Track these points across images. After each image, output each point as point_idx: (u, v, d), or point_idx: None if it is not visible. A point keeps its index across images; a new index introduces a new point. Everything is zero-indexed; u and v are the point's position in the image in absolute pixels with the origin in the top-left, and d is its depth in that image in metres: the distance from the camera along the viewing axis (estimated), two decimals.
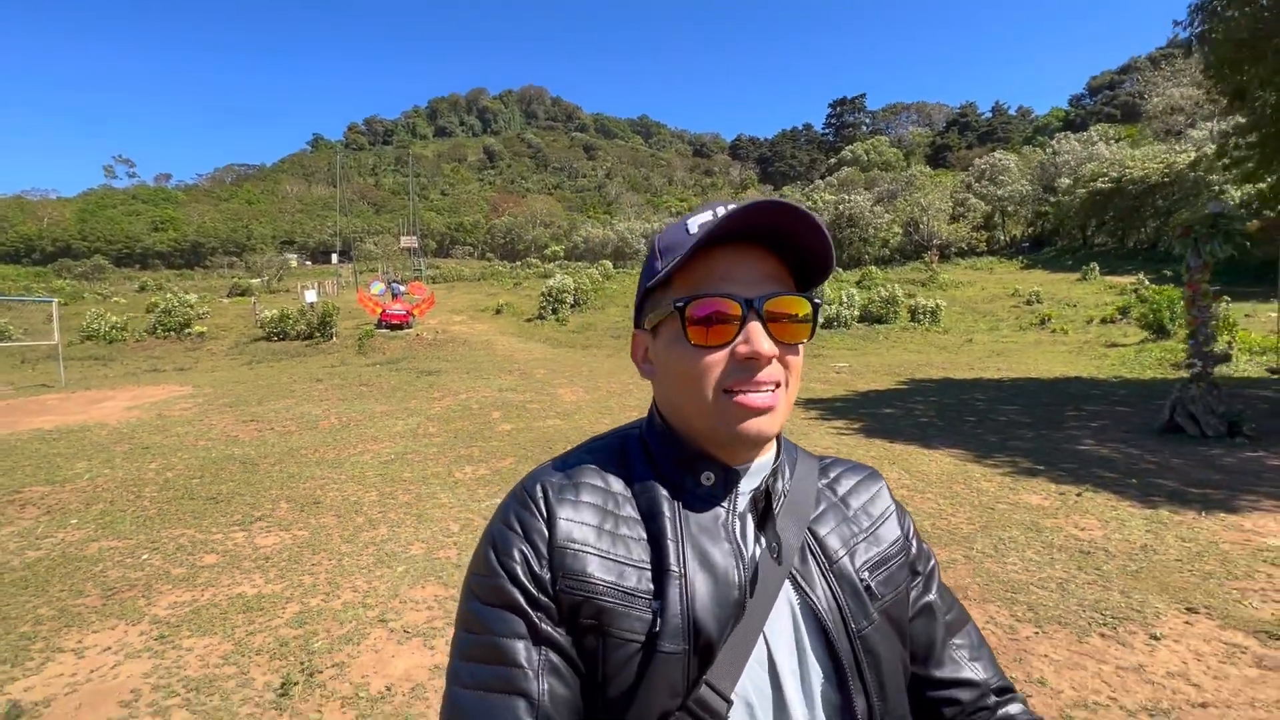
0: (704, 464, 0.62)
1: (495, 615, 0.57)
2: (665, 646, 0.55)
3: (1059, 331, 17.66)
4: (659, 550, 0.59)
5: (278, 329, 20.11)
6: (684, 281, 0.61)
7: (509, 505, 0.62)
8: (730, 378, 0.59)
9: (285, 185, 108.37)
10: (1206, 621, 2.74)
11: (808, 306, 0.61)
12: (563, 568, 0.57)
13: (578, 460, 0.65)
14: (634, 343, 0.70)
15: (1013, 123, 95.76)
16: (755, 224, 0.58)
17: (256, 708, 2.35)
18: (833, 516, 0.68)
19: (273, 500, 5.05)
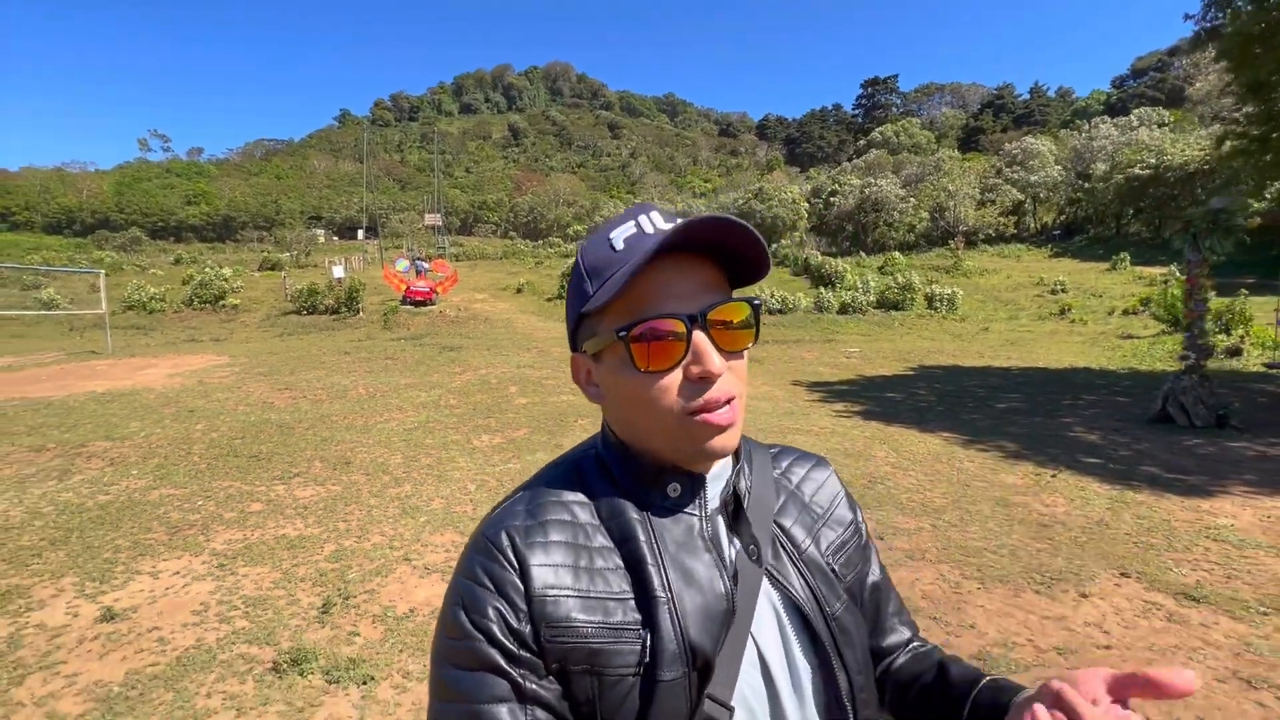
0: (668, 477, 0.61)
1: (472, 680, 0.53)
2: (665, 675, 0.54)
3: (1078, 322, 17.57)
4: (641, 577, 0.57)
5: (307, 303, 20.84)
6: (622, 303, 0.58)
7: (473, 559, 0.58)
8: (688, 399, 0.57)
9: (313, 160, 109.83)
10: (1135, 584, 3.06)
11: (748, 310, 0.60)
12: (544, 617, 0.54)
13: (537, 494, 0.62)
14: (574, 366, 0.66)
15: (1051, 105, 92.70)
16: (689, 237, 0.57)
17: (304, 621, 2.81)
18: (793, 507, 0.69)
19: (308, 460, 5.56)
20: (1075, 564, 3.29)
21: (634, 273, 0.55)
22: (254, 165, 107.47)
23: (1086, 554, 3.42)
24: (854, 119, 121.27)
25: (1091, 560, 3.33)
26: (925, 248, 39.80)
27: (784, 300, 19.75)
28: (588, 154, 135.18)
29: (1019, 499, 4.36)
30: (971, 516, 4.03)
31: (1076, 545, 3.54)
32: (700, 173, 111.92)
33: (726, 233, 0.56)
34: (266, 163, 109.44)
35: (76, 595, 3.03)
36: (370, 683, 2.36)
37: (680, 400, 0.57)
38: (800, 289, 23.32)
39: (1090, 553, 3.44)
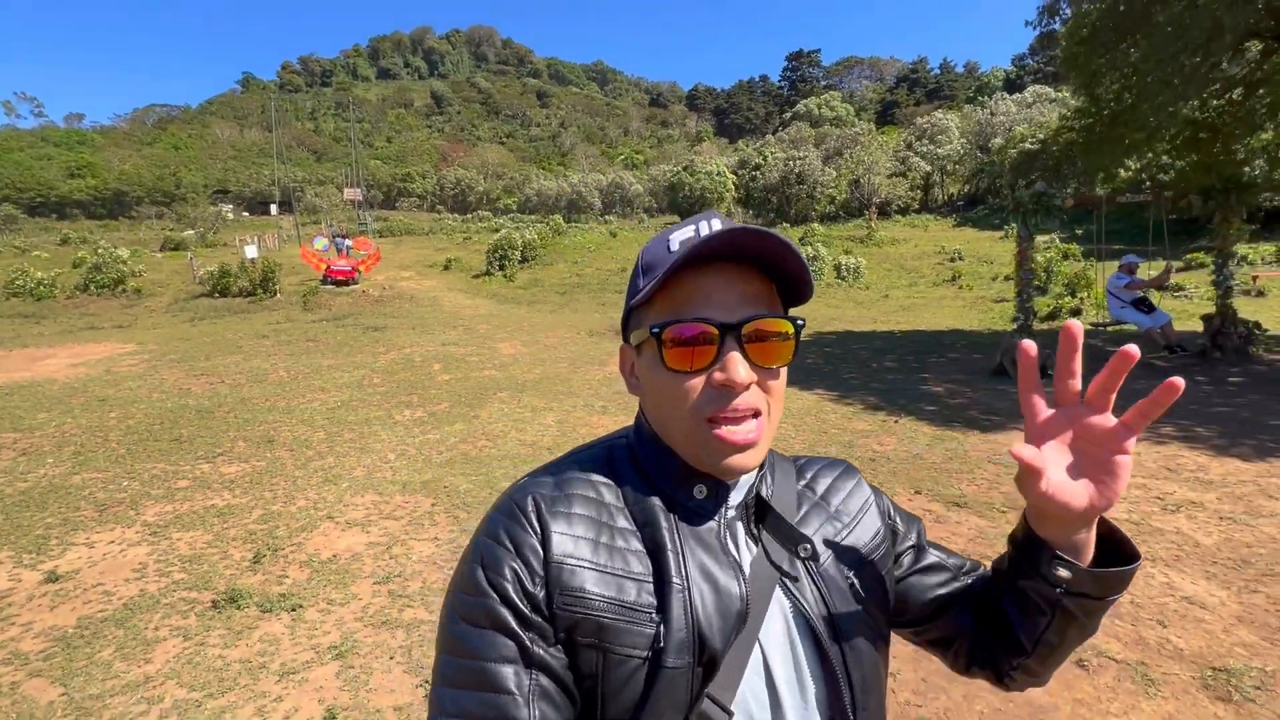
0: (696, 478, 0.62)
1: (483, 638, 0.54)
2: (670, 661, 0.54)
3: (965, 288, 19.35)
4: (659, 562, 0.58)
5: (219, 285, 19.97)
6: (665, 302, 0.60)
7: (496, 519, 0.59)
8: (708, 405, 0.58)
9: (215, 129, 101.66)
10: (922, 498, 3.94)
11: (789, 327, 0.61)
12: (559, 584, 0.55)
13: (566, 470, 0.63)
14: (621, 357, 0.69)
15: (959, 80, 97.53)
16: (736, 245, 0.58)
17: (237, 570, 3.27)
18: (816, 517, 0.68)
19: (231, 440, 5.82)
20: (884, 487, 4.15)
21: (671, 270, 0.57)
22: (146, 134, 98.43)
23: (897, 479, 4.30)
24: (780, 90, 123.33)
25: (898, 483, 4.21)
26: (845, 219, 41.66)
27: None
28: (516, 124, 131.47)
29: (862, 441, 5.25)
30: (816, 454, 4.86)
31: (892, 473, 4.42)
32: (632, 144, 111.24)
33: (763, 241, 0.57)
34: (161, 131, 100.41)
35: (15, 565, 3.35)
36: (299, 609, 2.88)
37: (700, 406, 0.58)
38: None
39: (900, 478, 4.32)
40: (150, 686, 2.36)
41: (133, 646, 2.62)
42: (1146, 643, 2.45)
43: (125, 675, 2.43)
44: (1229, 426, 5.12)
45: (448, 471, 4.77)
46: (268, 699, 2.28)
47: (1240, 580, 2.86)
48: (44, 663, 2.52)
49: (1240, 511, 3.56)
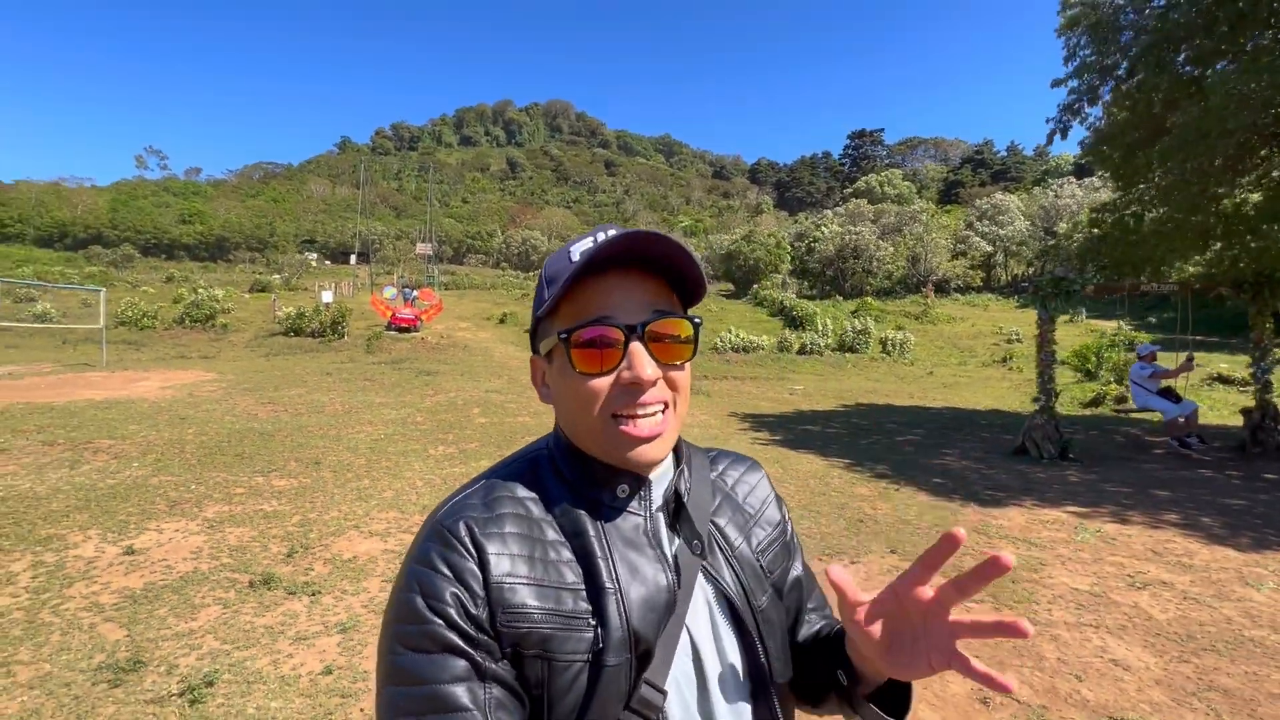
0: (616, 477, 0.64)
1: (432, 661, 0.55)
2: (610, 660, 0.57)
3: (1016, 369, 18.94)
4: (590, 569, 0.60)
5: (294, 325, 21.81)
6: (570, 309, 0.63)
7: (429, 547, 0.59)
8: (616, 403, 0.61)
9: (311, 185, 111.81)
10: (894, 557, 4.14)
11: (689, 327, 0.65)
12: (501, 603, 0.57)
13: (493, 489, 0.64)
14: (533, 368, 0.71)
15: (1026, 163, 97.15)
16: (633, 250, 0.61)
17: (272, 561, 3.82)
18: (727, 507, 0.74)
19: (284, 459, 6.54)
20: (863, 544, 4.37)
21: (572, 278, 0.61)
22: (251, 187, 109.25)
23: (876, 539, 4.50)
24: (841, 167, 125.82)
25: (876, 541, 4.42)
26: (901, 294, 41.51)
27: (747, 340, 21.02)
28: (583, 189, 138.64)
29: (857, 504, 5.45)
30: (811, 514, 5.10)
31: (874, 533, 4.62)
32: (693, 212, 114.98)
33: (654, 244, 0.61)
34: (264, 185, 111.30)
35: (101, 541, 4.02)
36: (317, 594, 3.38)
37: (609, 404, 0.61)
38: (774, 329, 24.65)
39: (880, 538, 4.52)
40: (193, 637, 2.88)
41: (183, 608, 3.17)
42: (1056, 691, 2.62)
43: (175, 627, 2.97)
44: (1237, 519, 5.06)
45: None
46: (281, 655, 2.76)
47: (1176, 651, 2.97)
48: (115, 612, 3.09)
49: (1209, 594, 3.61)
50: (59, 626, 2.95)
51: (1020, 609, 3.41)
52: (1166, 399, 7.59)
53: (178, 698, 2.43)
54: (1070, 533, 4.69)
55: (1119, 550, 4.33)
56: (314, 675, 2.63)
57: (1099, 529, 4.77)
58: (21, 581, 3.38)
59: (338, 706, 2.43)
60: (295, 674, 2.63)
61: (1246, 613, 3.39)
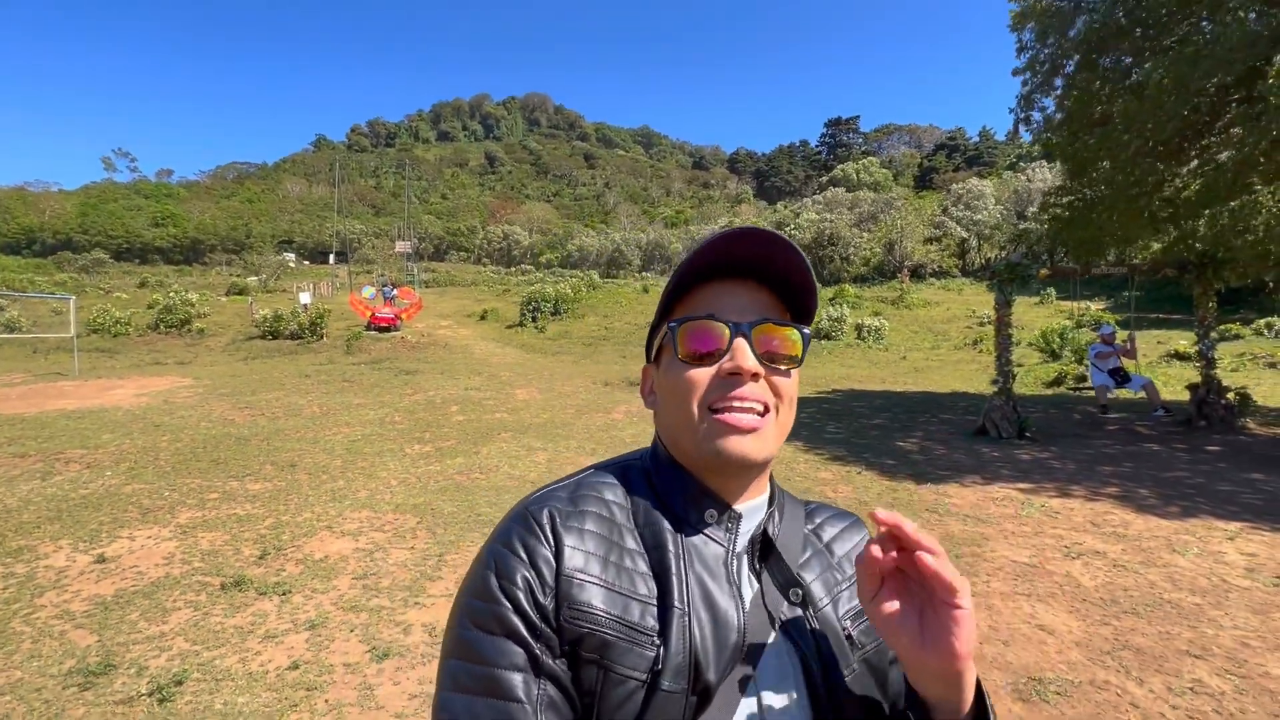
0: (707, 500, 0.63)
1: (495, 644, 0.55)
2: (666, 685, 0.55)
3: (985, 352, 19.33)
4: (664, 585, 0.59)
5: (272, 328, 21.62)
6: (683, 310, 0.66)
7: (511, 528, 0.60)
8: (715, 394, 0.61)
9: (286, 185, 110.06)
10: None
11: (797, 337, 0.64)
12: (569, 598, 0.56)
13: (582, 486, 0.65)
14: (643, 378, 0.72)
15: (999, 148, 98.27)
16: (741, 255, 0.62)
17: (244, 564, 3.91)
18: (818, 563, 0.69)
19: (260, 463, 6.59)
20: None
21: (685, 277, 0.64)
22: (225, 188, 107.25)
23: None
24: (818, 155, 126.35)
25: None
26: (878, 280, 42.02)
27: None
28: (563, 183, 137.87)
29: (820, 488, 5.64)
30: None
31: None
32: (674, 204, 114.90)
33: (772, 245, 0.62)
34: (239, 185, 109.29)
35: (73, 550, 4.08)
36: (288, 594, 3.48)
37: (708, 396, 0.61)
38: None
39: None
40: (163, 639, 2.98)
41: (154, 612, 3.26)
42: (983, 656, 2.81)
43: (146, 631, 3.06)
44: (1173, 490, 5.33)
45: (438, 497, 5.39)
46: (249, 653, 2.87)
47: (1098, 614, 3.18)
48: (86, 619, 3.17)
49: (1137, 562, 3.84)
50: (29, 635, 3.03)
51: None
52: (1114, 378, 7.88)
53: (147, 697, 2.53)
54: (1017, 508, 4.92)
55: (1060, 523, 4.56)
56: (280, 670, 2.75)
57: (1044, 503, 5.01)
58: None
59: (303, 699, 2.55)
60: (263, 670, 2.75)
61: (1170, 577, 3.63)
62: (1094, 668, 2.72)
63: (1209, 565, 3.77)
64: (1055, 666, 2.72)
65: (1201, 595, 3.38)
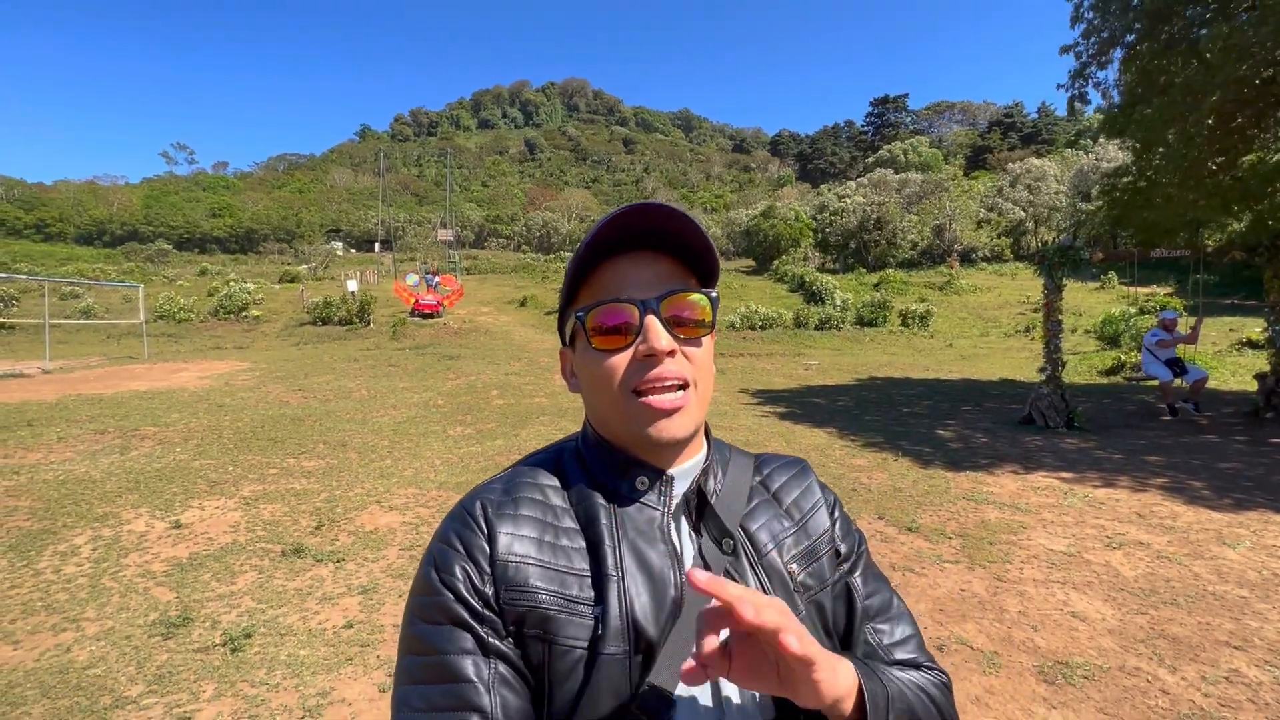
0: (636, 469, 0.65)
1: (441, 633, 0.58)
2: (607, 649, 0.57)
3: (1037, 339, 18.62)
4: (597, 556, 0.61)
5: (322, 315, 22.50)
6: (587, 293, 0.65)
7: (448, 525, 0.63)
8: (635, 377, 0.62)
9: (333, 175, 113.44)
10: (880, 522, 4.34)
11: (705, 302, 0.65)
12: (505, 580, 0.59)
13: (516, 476, 0.67)
14: (561, 361, 0.72)
15: (1059, 124, 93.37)
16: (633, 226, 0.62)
17: (302, 533, 4.20)
18: (764, 511, 0.70)
19: (313, 442, 6.97)
20: (853, 512, 4.56)
21: (581, 263, 0.64)
22: (277, 179, 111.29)
23: (867, 506, 4.70)
24: (864, 135, 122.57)
25: (866, 509, 4.62)
26: (927, 265, 40.78)
27: (765, 316, 21.03)
28: (602, 169, 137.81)
29: (854, 475, 5.64)
30: None
31: (865, 501, 4.82)
32: (713, 188, 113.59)
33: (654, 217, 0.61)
34: (289, 176, 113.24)
35: (150, 517, 4.44)
36: (342, 561, 3.73)
37: (628, 380, 0.62)
38: (795, 305, 24.57)
39: (870, 505, 4.72)
40: (233, 598, 3.26)
41: (224, 574, 3.55)
42: (1011, 639, 2.82)
43: (217, 589, 3.35)
44: (1228, 482, 5.13)
45: (479, 476, 5.61)
46: (309, 613, 3.12)
47: (1136, 604, 3.14)
48: (165, 578, 3.49)
49: (1183, 554, 3.75)
50: (118, 590, 3.35)
51: (993, 568, 3.60)
52: (1172, 367, 7.54)
53: (221, 647, 2.79)
54: (1059, 498, 4.82)
55: (1104, 514, 4.46)
56: (337, 629, 2.97)
57: (1087, 494, 4.89)
58: (84, 553, 3.80)
59: (357, 653, 2.77)
60: (321, 628, 2.98)
61: (1216, 570, 3.53)
62: (1125, 655, 2.70)
63: (1260, 559, 3.65)
64: (1085, 652, 2.72)
65: (1249, 589, 3.29)
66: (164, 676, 2.58)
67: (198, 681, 2.55)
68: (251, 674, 2.61)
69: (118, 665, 2.65)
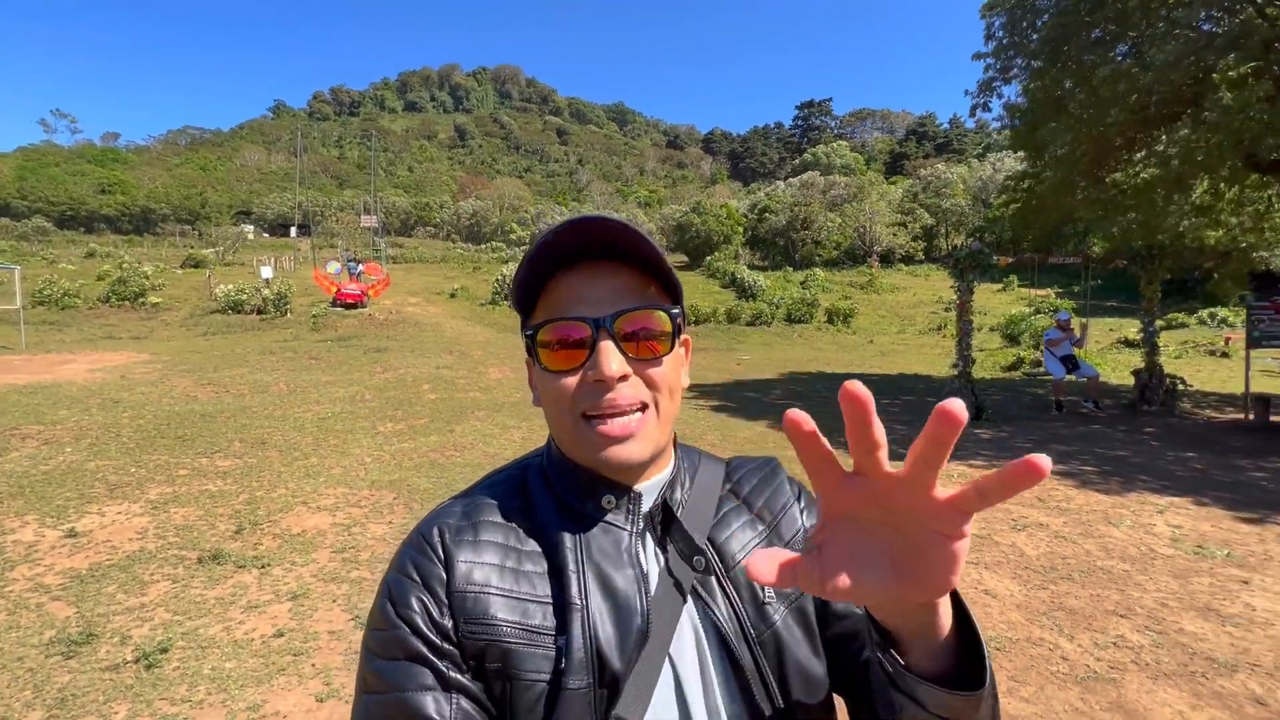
0: (602, 488, 0.61)
1: (399, 669, 0.54)
2: (570, 684, 0.53)
3: (949, 336, 19.97)
4: (560, 583, 0.57)
5: (233, 303, 20.98)
6: (544, 305, 0.60)
7: (405, 553, 0.59)
8: (584, 402, 0.57)
9: (244, 153, 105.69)
10: None
11: (665, 319, 0.60)
12: (464, 612, 0.55)
13: (477, 497, 0.63)
14: (528, 371, 0.65)
15: (968, 136, 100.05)
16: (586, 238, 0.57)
17: (220, 538, 3.93)
18: (734, 519, 0.66)
19: (228, 440, 6.52)
20: None
21: (527, 276, 0.59)
22: (177, 154, 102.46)
23: None
24: (792, 138, 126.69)
25: None
26: (849, 264, 42.72)
27: (703, 312, 21.44)
28: (535, 159, 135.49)
29: (786, 464, 5.85)
30: None
31: None
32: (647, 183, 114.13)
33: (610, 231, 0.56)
34: (193, 152, 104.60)
35: (40, 526, 4.03)
36: (267, 567, 3.53)
37: (578, 404, 0.57)
38: (727, 300, 25.14)
39: None
40: (144, 611, 3.01)
41: (132, 585, 3.28)
42: None
43: (125, 602, 3.09)
44: (1113, 467, 5.72)
45: (413, 474, 5.44)
46: (233, 622, 2.93)
47: (1038, 580, 3.46)
48: (62, 592, 3.18)
49: (1077, 533, 4.15)
50: (4, 607, 3.02)
51: None
52: (1067, 364, 8.30)
53: (133, 664, 2.58)
54: None
55: (1011, 499, 4.86)
56: (266, 638, 2.82)
57: None
58: None
59: (290, 663, 2.63)
60: (248, 638, 2.81)
61: (1104, 547, 3.94)
62: (1031, 626, 2.97)
63: (1139, 536, 4.10)
64: (996, 626, 2.97)
65: (1130, 563, 3.69)
66: (67, 699, 2.36)
67: (108, 703, 2.36)
68: (171, 691, 2.43)
69: (10, 690, 2.41)
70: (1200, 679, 2.55)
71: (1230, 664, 2.65)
